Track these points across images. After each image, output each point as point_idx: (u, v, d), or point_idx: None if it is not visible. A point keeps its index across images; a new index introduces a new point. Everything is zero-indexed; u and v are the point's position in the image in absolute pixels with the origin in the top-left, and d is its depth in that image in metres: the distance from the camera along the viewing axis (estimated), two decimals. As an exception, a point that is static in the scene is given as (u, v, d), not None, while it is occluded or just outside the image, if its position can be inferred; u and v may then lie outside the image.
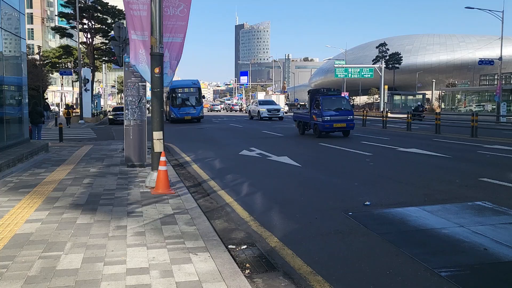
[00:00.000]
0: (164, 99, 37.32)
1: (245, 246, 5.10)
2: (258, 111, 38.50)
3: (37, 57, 49.13)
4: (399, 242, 5.11)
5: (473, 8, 36.94)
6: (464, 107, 50.32)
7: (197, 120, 34.46)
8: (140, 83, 10.26)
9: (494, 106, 38.87)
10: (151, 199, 6.99)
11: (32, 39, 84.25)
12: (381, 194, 7.63)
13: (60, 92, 76.54)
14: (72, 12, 39.61)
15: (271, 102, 42.21)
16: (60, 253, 4.47)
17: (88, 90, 37.40)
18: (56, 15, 53.40)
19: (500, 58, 37.53)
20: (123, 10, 35.55)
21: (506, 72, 61.06)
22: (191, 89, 34.86)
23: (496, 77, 52.99)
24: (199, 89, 35.44)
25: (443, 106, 54.70)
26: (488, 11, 35.60)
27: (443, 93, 59.61)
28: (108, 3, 41.43)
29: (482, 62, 43.66)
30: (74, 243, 4.78)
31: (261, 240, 5.32)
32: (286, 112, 61.39)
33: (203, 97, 37.97)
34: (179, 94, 34.27)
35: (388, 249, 4.91)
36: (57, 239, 4.91)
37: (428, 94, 71.90)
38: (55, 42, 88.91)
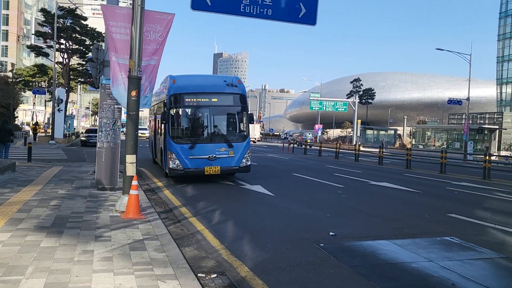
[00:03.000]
0: (156, 121, 16.96)
1: (215, 275, 4.99)
2: None
3: (9, 74, 48.19)
4: (370, 275, 5.11)
5: (443, 50, 38.82)
6: (434, 144, 51.91)
7: (231, 174, 14.29)
8: (115, 106, 10.20)
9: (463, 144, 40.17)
10: (120, 223, 6.81)
11: (6, 56, 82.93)
12: (353, 226, 7.67)
13: (31, 111, 74.93)
14: (49, 31, 39.23)
15: None
16: (20, 277, 4.27)
17: (62, 110, 36.73)
18: (32, 34, 52.71)
19: (468, 99, 39.07)
20: (102, 32, 35.40)
21: (473, 112, 63.68)
22: (222, 97, 13.46)
23: (464, 116, 55.09)
24: (244, 98, 13.66)
25: (413, 142, 56.23)
26: (457, 53, 37.27)
27: (414, 130, 61.40)
28: (87, 25, 41.30)
29: (451, 101, 45.30)
30: (37, 267, 4.57)
31: (231, 269, 5.23)
32: (260, 141, 61.79)
33: (251, 118, 13.69)
34: (191, 110, 13.51)
35: (359, 282, 4.90)
36: (19, 263, 4.70)
37: (400, 130, 73.91)
38: (29, 60, 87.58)
